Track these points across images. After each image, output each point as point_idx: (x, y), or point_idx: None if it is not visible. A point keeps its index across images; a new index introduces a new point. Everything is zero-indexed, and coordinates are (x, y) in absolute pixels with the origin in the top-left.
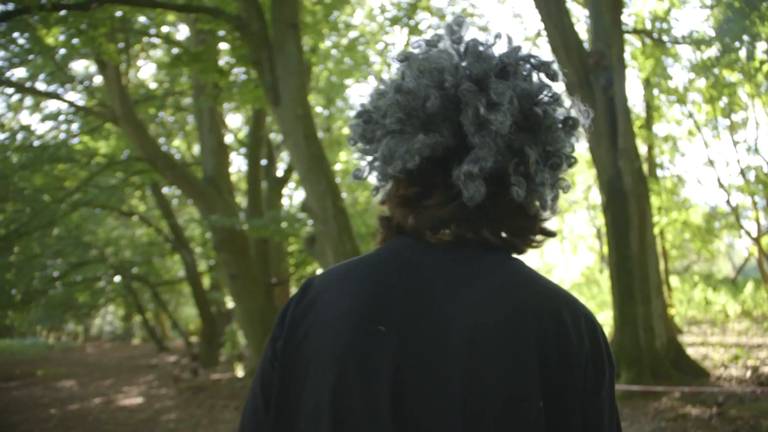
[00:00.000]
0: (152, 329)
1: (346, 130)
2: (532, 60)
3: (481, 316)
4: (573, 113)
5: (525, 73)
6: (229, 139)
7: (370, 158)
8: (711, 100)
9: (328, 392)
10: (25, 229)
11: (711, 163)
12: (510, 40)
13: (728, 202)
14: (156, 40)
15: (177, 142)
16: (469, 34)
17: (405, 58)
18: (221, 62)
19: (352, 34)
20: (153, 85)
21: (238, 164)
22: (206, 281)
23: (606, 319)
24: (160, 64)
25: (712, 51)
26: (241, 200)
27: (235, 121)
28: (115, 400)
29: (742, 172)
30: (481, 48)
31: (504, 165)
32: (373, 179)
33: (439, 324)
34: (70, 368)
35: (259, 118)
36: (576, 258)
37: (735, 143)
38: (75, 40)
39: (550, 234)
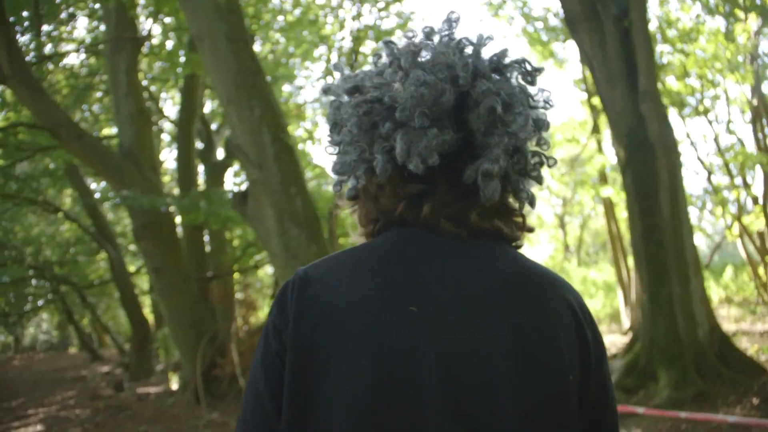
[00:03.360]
0: (87, 337)
1: (294, 101)
2: (526, 65)
3: (511, 303)
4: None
5: (518, 75)
6: (167, 127)
7: (357, 151)
8: (685, 76)
9: (367, 375)
10: None
11: (690, 140)
12: (493, 41)
13: (709, 180)
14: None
15: (106, 131)
16: (461, 31)
17: (407, 48)
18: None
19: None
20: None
21: (172, 156)
22: (144, 282)
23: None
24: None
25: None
26: (174, 186)
27: (172, 111)
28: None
29: (720, 152)
30: (477, 48)
31: (506, 164)
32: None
33: (473, 309)
34: None
35: (190, 87)
36: (534, 249)
37: (710, 122)
38: None
39: (531, 230)
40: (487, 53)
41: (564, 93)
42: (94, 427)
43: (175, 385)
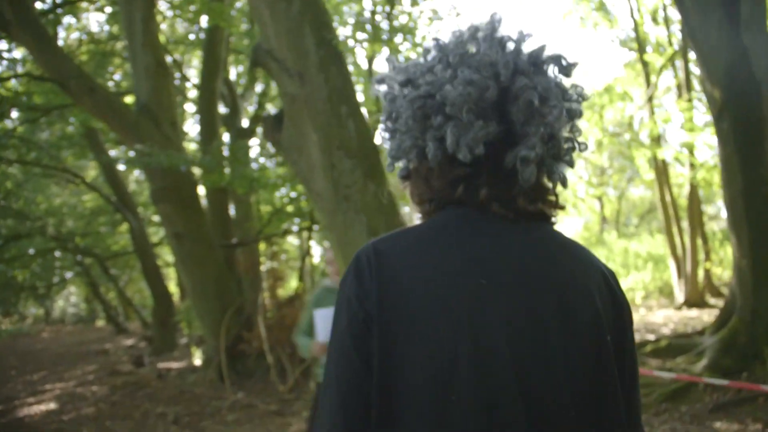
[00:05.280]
0: (112, 309)
1: None
2: (562, 61)
3: (559, 273)
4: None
5: (555, 69)
6: (192, 95)
7: (412, 139)
8: None
9: (445, 350)
10: None
11: None
12: (533, 37)
13: None
14: None
15: (130, 100)
16: (503, 29)
17: (455, 45)
18: None
19: None
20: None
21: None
22: (169, 253)
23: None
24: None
25: None
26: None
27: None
28: (18, 408)
29: None
30: (518, 45)
31: (542, 150)
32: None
33: (529, 281)
34: (1, 359)
35: (212, 42)
36: (566, 221)
37: None
38: None
39: (563, 207)
40: (526, 49)
41: (609, 52)
42: (109, 406)
43: (198, 361)
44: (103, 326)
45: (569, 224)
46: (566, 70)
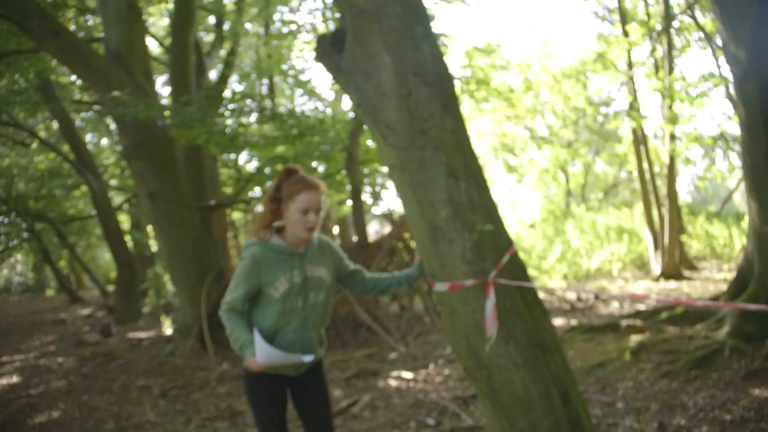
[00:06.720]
0: (64, 278)
1: None
2: None
3: None
4: None
5: None
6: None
7: None
8: None
9: None
10: None
11: None
12: None
13: None
14: None
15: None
16: None
17: None
18: None
19: None
20: None
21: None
22: (125, 220)
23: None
24: None
25: None
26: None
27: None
28: None
29: None
30: None
31: None
32: None
33: None
34: None
35: None
36: (526, 194)
37: None
38: None
39: None
40: None
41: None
42: (81, 379)
43: (168, 331)
44: (53, 296)
45: (533, 197)
46: None
